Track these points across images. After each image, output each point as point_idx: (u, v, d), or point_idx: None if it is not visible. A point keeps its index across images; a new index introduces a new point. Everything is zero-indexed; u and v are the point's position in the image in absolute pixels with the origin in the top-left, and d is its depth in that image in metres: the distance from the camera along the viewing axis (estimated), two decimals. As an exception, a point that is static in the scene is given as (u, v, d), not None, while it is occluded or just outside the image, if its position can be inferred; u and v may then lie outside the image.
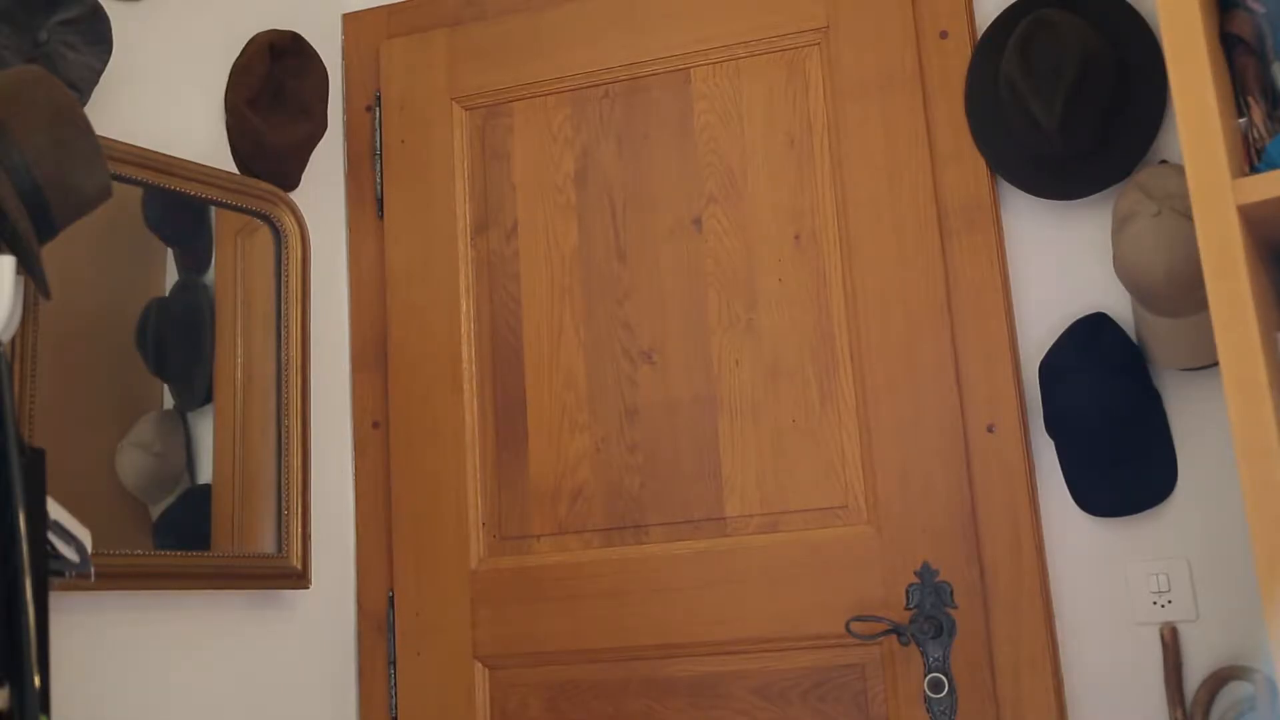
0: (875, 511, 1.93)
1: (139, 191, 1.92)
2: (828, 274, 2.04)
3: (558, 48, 2.24)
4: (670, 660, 2.01)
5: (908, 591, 1.88)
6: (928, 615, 1.84)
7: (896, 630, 1.83)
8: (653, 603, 2.02)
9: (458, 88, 2.28)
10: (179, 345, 1.95)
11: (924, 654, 1.83)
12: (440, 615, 2.12)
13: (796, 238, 2.05)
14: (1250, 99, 1.54)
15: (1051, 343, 1.91)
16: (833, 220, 2.04)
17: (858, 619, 1.86)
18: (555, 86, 2.23)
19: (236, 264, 2.07)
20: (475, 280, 2.22)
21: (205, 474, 1.96)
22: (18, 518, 1.34)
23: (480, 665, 2.09)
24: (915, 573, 1.88)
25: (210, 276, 2.02)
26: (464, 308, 2.21)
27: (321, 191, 2.28)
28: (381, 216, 2.30)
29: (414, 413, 2.20)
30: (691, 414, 2.06)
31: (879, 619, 1.85)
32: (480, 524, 2.13)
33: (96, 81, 1.82)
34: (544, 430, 2.13)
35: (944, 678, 1.79)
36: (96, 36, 1.82)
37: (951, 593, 1.85)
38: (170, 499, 1.90)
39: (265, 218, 2.10)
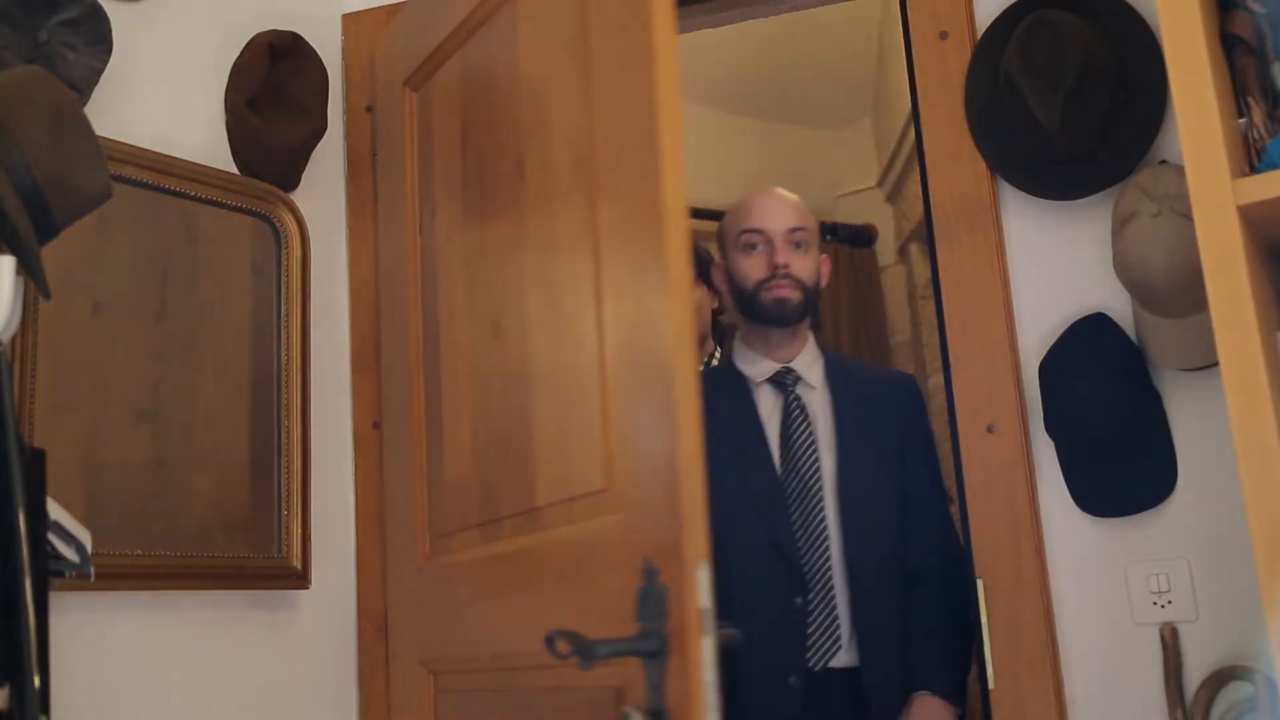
0: (624, 497, 1.50)
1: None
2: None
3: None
4: (500, 674, 1.76)
5: (636, 597, 1.39)
6: (650, 629, 1.37)
7: (579, 652, 1.35)
8: (483, 607, 1.80)
9: (406, 70, 2.14)
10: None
11: (645, 679, 1.36)
12: (399, 617, 2.05)
13: (576, 162, 1.65)
14: (1250, 99, 1.54)
15: (1051, 343, 1.91)
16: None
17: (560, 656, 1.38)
18: (450, 44, 2.00)
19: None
20: (422, 269, 2.05)
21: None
22: (18, 518, 1.34)
23: (424, 669, 1.97)
24: (642, 572, 1.39)
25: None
26: (412, 299, 2.07)
27: (321, 191, 2.28)
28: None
29: (392, 411, 2.13)
30: (521, 390, 1.74)
31: (565, 655, 1.36)
32: (427, 523, 1.99)
33: (96, 81, 1.82)
34: (452, 419, 1.93)
35: (640, 716, 1.33)
36: (96, 37, 1.82)
37: (666, 598, 1.36)
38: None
39: (265, 218, 2.10)
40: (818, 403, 2.17)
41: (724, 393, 2.18)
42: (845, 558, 2.06)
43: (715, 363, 2.64)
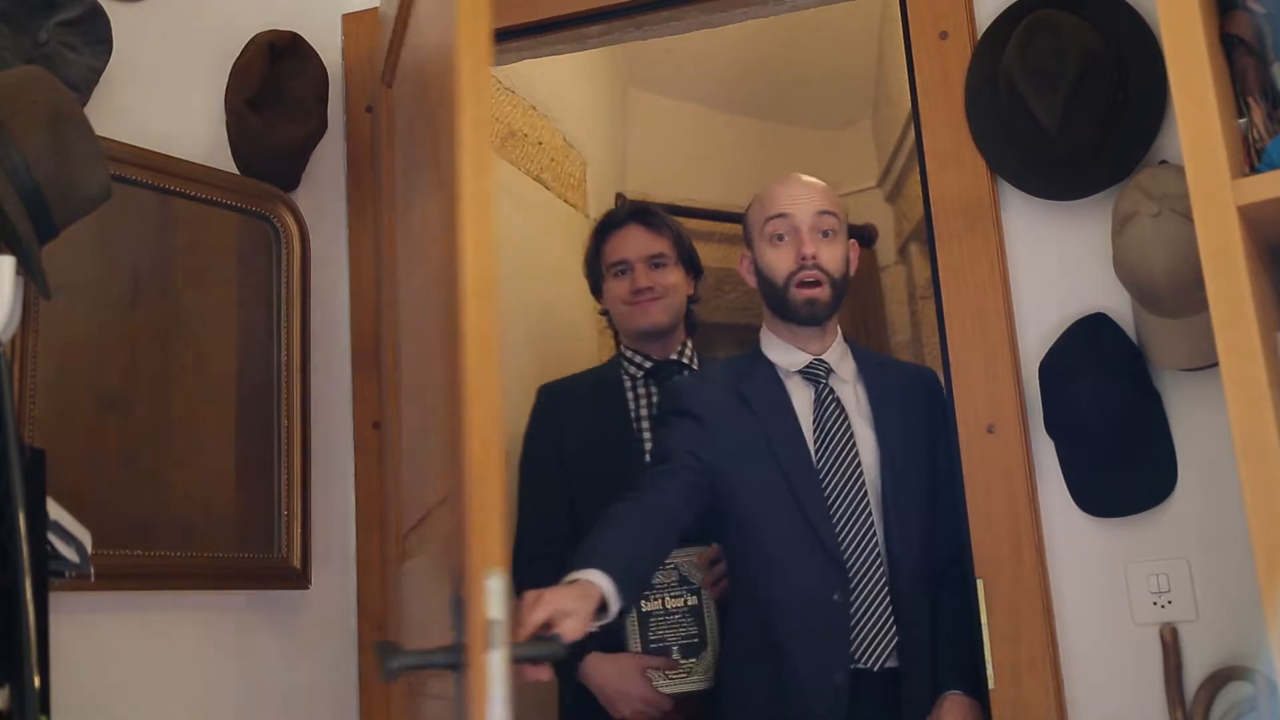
0: (456, 503, 1.40)
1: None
2: None
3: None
4: (420, 679, 1.69)
5: (449, 607, 1.32)
6: (456, 642, 1.29)
7: (384, 665, 1.28)
8: (410, 610, 1.77)
9: (380, 67, 2.11)
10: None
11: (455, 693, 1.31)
12: (391, 617, 2.03)
13: (436, 153, 1.59)
14: (1250, 99, 1.54)
15: (1051, 343, 1.91)
16: None
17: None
18: (396, 36, 1.95)
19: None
20: (394, 267, 2.03)
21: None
22: (18, 518, 1.34)
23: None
24: (450, 581, 1.33)
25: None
26: (389, 297, 2.04)
27: (321, 191, 2.28)
28: (378, 216, 2.25)
29: (386, 410, 2.10)
30: (428, 388, 1.68)
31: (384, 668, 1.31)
32: (399, 523, 1.97)
33: (96, 81, 1.82)
34: (407, 418, 1.90)
35: None
36: (96, 36, 1.82)
37: (460, 607, 1.28)
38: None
39: (265, 218, 2.10)
40: (850, 397, 2.10)
41: (756, 381, 2.11)
42: (889, 556, 2.00)
43: (689, 354, 2.55)
